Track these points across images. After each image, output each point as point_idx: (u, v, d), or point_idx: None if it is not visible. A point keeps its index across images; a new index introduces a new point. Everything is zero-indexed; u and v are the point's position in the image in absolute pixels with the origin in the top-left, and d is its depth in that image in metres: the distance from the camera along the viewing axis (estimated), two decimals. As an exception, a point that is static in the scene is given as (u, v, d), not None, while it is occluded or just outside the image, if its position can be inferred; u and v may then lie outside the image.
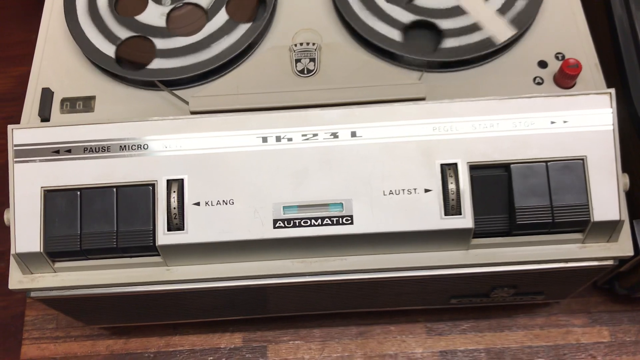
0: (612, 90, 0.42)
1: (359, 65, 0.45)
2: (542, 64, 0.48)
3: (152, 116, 0.45)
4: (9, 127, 0.43)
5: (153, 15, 0.49)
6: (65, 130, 0.43)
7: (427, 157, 0.41)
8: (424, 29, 0.48)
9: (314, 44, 0.45)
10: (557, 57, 0.48)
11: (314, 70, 0.45)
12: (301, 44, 0.45)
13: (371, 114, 0.42)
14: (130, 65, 0.48)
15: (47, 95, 0.47)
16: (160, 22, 0.49)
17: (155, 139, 0.42)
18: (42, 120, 0.47)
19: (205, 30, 0.48)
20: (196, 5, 0.49)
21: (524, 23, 0.48)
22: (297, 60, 0.45)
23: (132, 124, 0.42)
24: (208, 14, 0.48)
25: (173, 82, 0.47)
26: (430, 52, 0.46)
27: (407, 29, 0.47)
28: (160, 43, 0.48)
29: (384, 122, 0.42)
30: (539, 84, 0.47)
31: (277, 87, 0.44)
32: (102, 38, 0.48)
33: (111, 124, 0.42)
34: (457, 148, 0.41)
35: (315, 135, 0.42)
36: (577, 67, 0.45)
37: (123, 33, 0.48)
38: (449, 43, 0.46)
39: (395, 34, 0.47)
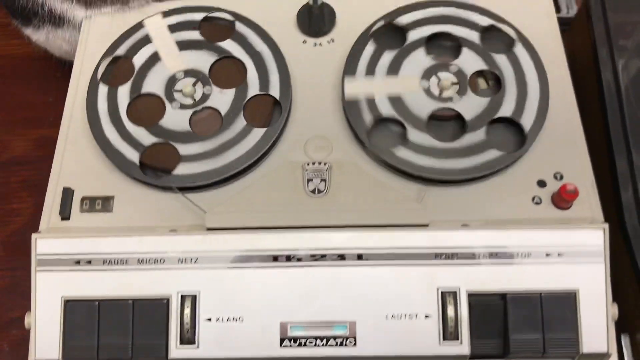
0: (605, 226, 0.45)
1: (367, 183, 0.48)
2: (541, 184, 0.50)
3: (170, 220, 0.48)
4: (33, 236, 0.45)
5: (174, 120, 0.51)
6: (86, 242, 0.45)
7: (428, 283, 0.44)
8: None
9: (325, 164, 0.48)
10: (555, 177, 0.50)
11: (324, 190, 0.47)
12: (313, 163, 0.48)
13: (377, 238, 0.44)
14: (153, 170, 0.50)
15: (67, 194, 0.50)
16: (184, 126, 0.51)
17: (172, 254, 0.44)
18: (62, 219, 0.49)
19: (223, 136, 0.50)
20: (215, 110, 0.51)
21: (530, 141, 0.50)
22: (309, 180, 0.47)
23: (150, 238, 0.45)
24: (224, 120, 0.51)
25: (190, 187, 0.49)
26: (440, 171, 0.49)
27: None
28: (182, 149, 0.50)
29: (389, 246, 0.44)
30: (537, 203, 0.49)
31: (289, 205, 0.47)
32: (126, 145, 0.50)
33: (130, 237, 0.45)
34: (457, 276, 0.44)
35: (323, 256, 0.44)
36: (574, 192, 0.48)
37: (147, 139, 0.51)
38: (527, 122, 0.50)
39: (419, 159, 0.49)
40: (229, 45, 0.54)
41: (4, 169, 0.72)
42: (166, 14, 0.56)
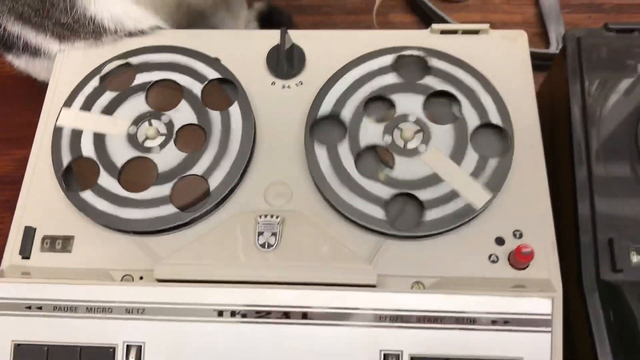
0: (555, 294, 0.44)
1: (319, 237, 0.47)
2: (499, 241, 0.49)
3: (126, 263, 0.49)
4: (-13, 279, 0.46)
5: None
6: (37, 287, 0.46)
7: (371, 345, 0.44)
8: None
9: (277, 217, 0.48)
10: (514, 235, 0.49)
11: (274, 245, 0.47)
12: (266, 216, 0.48)
13: (322, 297, 0.44)
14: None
15: (29, 233, 0.51)
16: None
17: (119, 304, 0.45)
18: (23, 258, 0.50)
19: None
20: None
21: (495, 188, 0.49)
22: (260, 233, 0.47)
23: (100, 287, 0.45)
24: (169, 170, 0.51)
25: (144, 232, 0.50)
26: (412, 226, 0.48)
27: (387, 203, 0.49)
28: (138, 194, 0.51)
29: (334, 306, 0.44)
30: (493, 262, 0.49)
31: (238, 259, 0.47)
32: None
33: (79, 285, 0.46)
34: (401, 339, 0.44)
35: (268, 313, 0.44)
36: (530, 254, 0.47)
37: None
38: (432, 215, 0.48)
39: (376, 211, 0.49)
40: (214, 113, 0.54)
41: (-11, 188, 0.74)
42: (144, 51, 0.57)
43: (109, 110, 0.54)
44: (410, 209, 0.50)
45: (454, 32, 0.58)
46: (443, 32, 0.58)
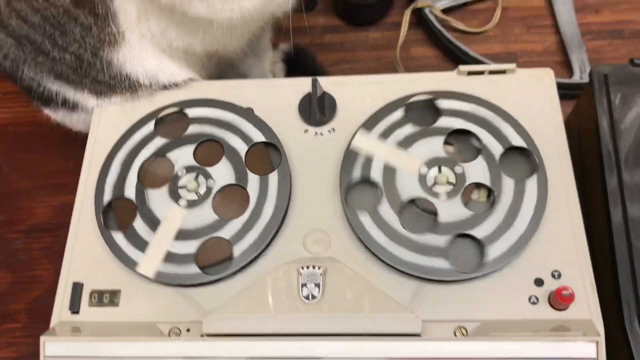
0: (599, 338, 0.44)
1: (361, 286, 0.48)
2: (538, 282, 0.50)
3: (173, 315, 0.50)
4: (42, 338, 0.48)
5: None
6: (90, 344, 0.47)
7: (418, 393, 0.44)
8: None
9: (319, 267, 0.49)
10: (553, 275, 0.50)
11: (317, 296, 0.48)
12: (308, 267, 0.49)
13: (368, 348, 0.45)
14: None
15: (77, 289, 0.52)
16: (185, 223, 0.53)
17: (170, 359, 0.46)
18: (72, 313, 0.52)
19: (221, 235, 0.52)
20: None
21: (519, 246, 0.50)
22: (303, 285, 0.48)
23: (148, 343, 0.47)
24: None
25: (188, 284, 0.51)
26: (476, 267, 0.49)
27: (445, 250, 0.50)
28: (175, 247, 0.52)
29: (379, 357, 0.45)
30: (533, 303, 0.49)
31: (283, 312, 0.48)
32: (128, 243, 0.53)
33: (128, 341, 0.47)
34: (447, 386, 0.44)
35: (315, 365, 0.45)
36: (570, 297, 0.47)
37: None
38: (493, 251, 0.49)
39: (413, 256, 0.50)
40: (236, 142, 0.56)
41: (26, 236, 0.75)
42: (180, 105, 0.58)
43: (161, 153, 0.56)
44: (467, 249, 0.51)
45: (481, 72, 0.59)
46: (470, 73, 0.59)
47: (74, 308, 0.52)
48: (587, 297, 0.49)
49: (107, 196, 0.55)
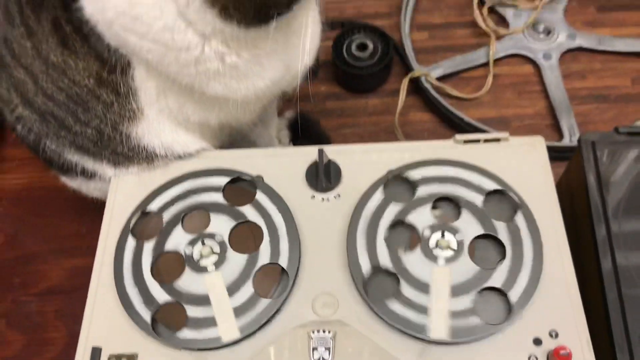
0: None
1: (370, 350, 0.51)
2: (537, 342, 0.52)
3: (186, 379, 0.52)
4: (62, 403, 0.50)
5: (190, 281, 0.56)
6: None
7: None
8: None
9: (329, 332, 0.51)
10: (551, 335, 0.52)
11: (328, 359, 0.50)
12: (318, 331, 0.51)
13: (377, 408, 0.47)
14: (166, 329, 0.54)
15: (96, 354, 0.54)
16: (198, 288, 0.55)
17: (187, 422, 0.48)
18: (91, 379, 0.54)
19: (232, 302, 0.54)
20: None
21: (524, 300, 0.53)
22: (314, 349, 0.51)
23: (167, 407, 0.48)
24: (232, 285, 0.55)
25: (203, 349, 0.53)
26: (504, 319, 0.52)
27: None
28: (191, 311, 0.54)
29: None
30: (534, 362, 0.52)
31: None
32: (142, 302, 0.55)
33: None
34: None
35: None
36: (568, 355, 0.50)
37: (161, 297, 0.55)
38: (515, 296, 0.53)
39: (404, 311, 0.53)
40: (248, 210, 0.59)
41: (40, 299, 0.78)
42: (195, 175, 0.62)
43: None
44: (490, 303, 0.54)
45: (476, 141, 0.63)
46: (466, 141, 0.63)
47: (93, 373, 0.54)
48: (584, 355, 0.51)
49: (127, 262, 0.57)
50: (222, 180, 0.61)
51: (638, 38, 0.90)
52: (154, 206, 0.60)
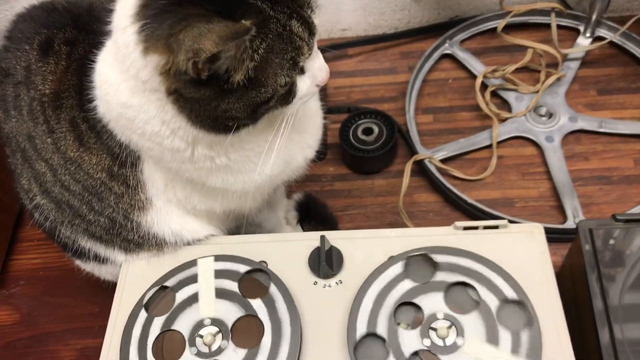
0: None
1: None
2: None
3: None
4: None
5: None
6: None
7: None
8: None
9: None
10: None
11: None
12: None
13: None
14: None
15: None
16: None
17: None
18: None
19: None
20: None
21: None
22: None
23: None
24: None
25: None
26: None
27: None
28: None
29: None
30: None
31: None
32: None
33: None
34: None
35: None
36: None
37: None
38: None
39: None
40: (257, 304, 0.60)
41: (52, 379, 0.79)
42: (217, 258, 0.63)
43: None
44: None
45: (475, 227, 0.64)
46: (466, 228, 0.64)
47: None
48: None
49: (135, 337, 0.59)
50: (240, 269, 0.62)
51: (639, 120, 0.92)
52: (170, 283, 0.62)
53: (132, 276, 0.65)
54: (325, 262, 0.62)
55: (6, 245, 0.90)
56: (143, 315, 0.60)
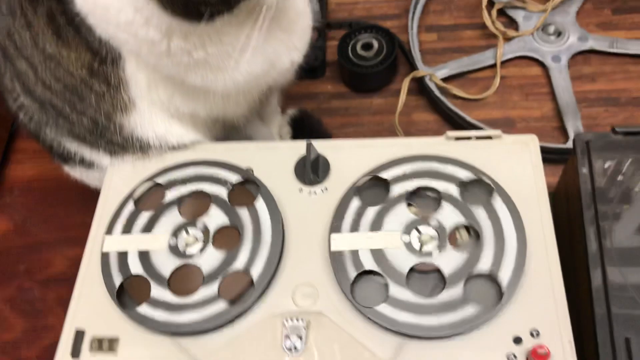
0: (569, 396, 0.46)
1: (344, 341, 0.51)
2: (517, 340, 0.51)
3: (165, 362, 0.53)
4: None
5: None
6: (85, 388, 0.50)
7: None
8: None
9: (303, 320, 0.51)
10: (532, 334, 0.51)
11: (300, 348, 0.50)
12: (292, 319, 0.51)
13: (346, 399, 0.47)
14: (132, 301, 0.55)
15: (79, 337, 0.55)
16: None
17: (158, 405, 0.49)
18: (73, 358, 0.55)
19: (210, 287, 0.55)
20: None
21: (520, 265, 0.53)
22: (287, 337, 0.51)
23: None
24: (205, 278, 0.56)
25: (181, 333, 0.54)
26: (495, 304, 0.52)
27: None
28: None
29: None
30: (512, 361, 0.50)
31: (264, 362, 0.50)
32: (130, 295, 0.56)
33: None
34: None
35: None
36: (546, 354, 0.49)
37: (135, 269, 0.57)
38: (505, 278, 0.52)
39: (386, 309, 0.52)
40: (242, 212, 0.59)
41: (43, 286, 0.80)
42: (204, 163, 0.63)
43: (148, 228, 0.59)
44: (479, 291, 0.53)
45: (468, 138, 0.62)
46: (458, 138, 0.62)
47: (75, 354, 0.55)
48: (565, 356, 0.50)
49: (117, 279, 0.58)
50: (232, 177, 0.62)
51: (653, 41, 0.88)
52: (162, 180, 0.62)
53: (117, 179, 0.65)
54: (311, 169, 0.61)
55: (1, 155, 0.90)
56: (131, 206, 0.60)
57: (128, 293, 0.57)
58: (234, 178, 0.61)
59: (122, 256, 0.58)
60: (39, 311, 0.78)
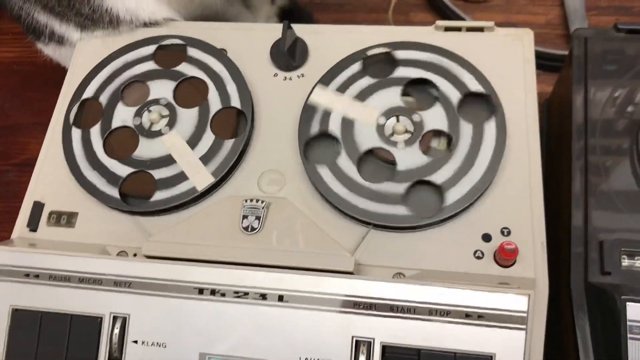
0: (531, 292, 0.43)
1: (303, 224, 0.49)
2: (486, 237, 0.49)
3: (123, 240, 0.51)
4: (-5, 247, 0.50)
5: (149, 148, 0.54)
6: (36, 257, 0.49)
7: (344, 330, 0.44)
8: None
9: (262, 202, 0.49)
10: (502, 232, 0.49)
11: (257, 228, 0.48)
12: (251, 200, 0.49)
13: (299, 281, 0.45)
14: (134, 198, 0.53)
15: (37, 208, 0.54)
16: (160, 152, 0.54)
17: (109, 276, 0.47)
18: (31, 230, 0.53)
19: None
20: None
21: (477, 190, 0.49)
22: (244, 217, 0.49)
23: (91, 260, 0.48)
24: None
25: (141, 212, 0.52)
26: (436, 212, 0.49)
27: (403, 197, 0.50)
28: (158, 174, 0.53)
29: (309, 290, 0.45)
30: (478, 257, 0.48)
31: (222, 240, 0.48)
32: (106, 183, 0.54)
33: (73, 257, 0.48)
34: (374, 327, 0.44)
35: (246, 294, 0.46)
36: (514, 251, 0.46)
37: (123, 171, 0.54)
38: (451, 197, 0.49)
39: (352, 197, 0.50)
40: (184, 68, 0.57)
41: (19, 169, 0.78)
42: (123, 50, 0.60)
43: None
44: (426, 196, 0.50)
45: (458, 29, 0.58)
46: (447, 29, 0.58)
47: (32, 226, 0.53)
48: (535, 256, 0.48)
49: (79, 152, 0.56)
50: (151, 48, 0.59)
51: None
52: (89, 92, 0.59)
53: (86, 53, 0.61)
54: (288, 53, 0.57)
55: (-20, 36, 0.87)
56: (77, 132, 0.57)
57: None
58: (151, 49, 0.59)
59: (86, 134, 0.56)
60: (13, 194, 0.77)
